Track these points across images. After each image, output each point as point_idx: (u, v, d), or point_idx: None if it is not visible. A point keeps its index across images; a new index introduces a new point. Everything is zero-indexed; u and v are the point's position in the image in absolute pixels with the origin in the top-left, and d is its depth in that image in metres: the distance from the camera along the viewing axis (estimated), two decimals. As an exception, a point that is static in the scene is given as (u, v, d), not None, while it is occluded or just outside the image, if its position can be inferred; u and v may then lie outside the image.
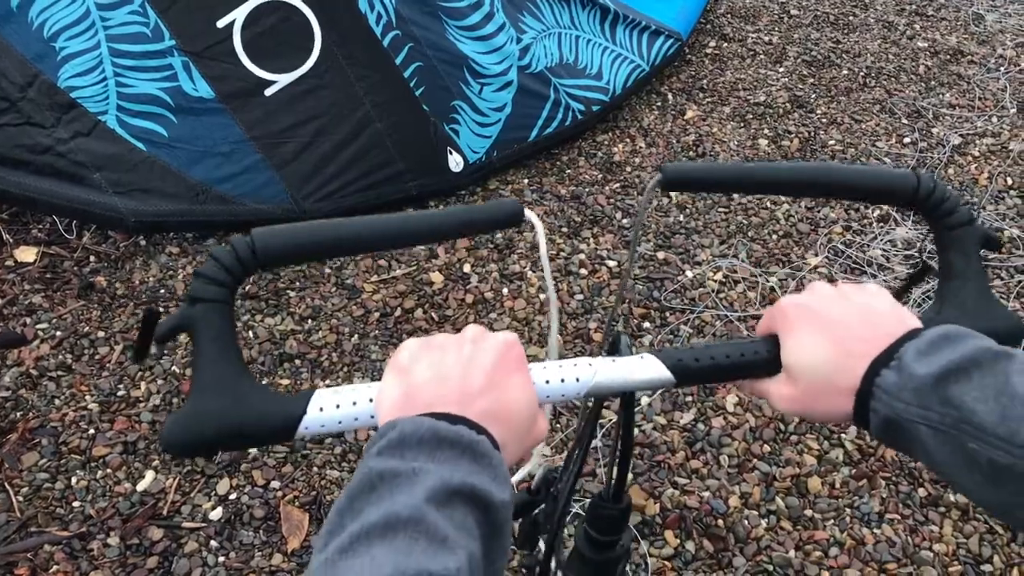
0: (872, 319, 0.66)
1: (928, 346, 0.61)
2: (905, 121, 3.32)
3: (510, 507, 0.57)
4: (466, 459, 0.55)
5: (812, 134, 3.24)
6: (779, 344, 0.70)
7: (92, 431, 2.12)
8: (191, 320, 0.64)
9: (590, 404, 0.83)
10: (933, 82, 3.59)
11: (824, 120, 3.33)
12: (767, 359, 0.70)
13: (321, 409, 0.64)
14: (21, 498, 1.97)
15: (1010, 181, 2.97)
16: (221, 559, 1.86)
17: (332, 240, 0.69)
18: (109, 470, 2.04)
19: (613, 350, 0.74)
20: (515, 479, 0.99)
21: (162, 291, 2.50)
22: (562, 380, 0.68)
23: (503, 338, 0.65)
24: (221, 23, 2.52)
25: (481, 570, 0.52)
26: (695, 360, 0.71)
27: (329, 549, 0.49)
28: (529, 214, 0.73)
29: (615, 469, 0.83)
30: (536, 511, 1.08)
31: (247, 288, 2.51)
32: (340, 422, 0.65)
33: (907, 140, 3.21)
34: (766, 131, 3.27)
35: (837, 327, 0.66)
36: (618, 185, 2.96)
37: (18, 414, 2.15)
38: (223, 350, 0.65)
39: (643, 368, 0.70)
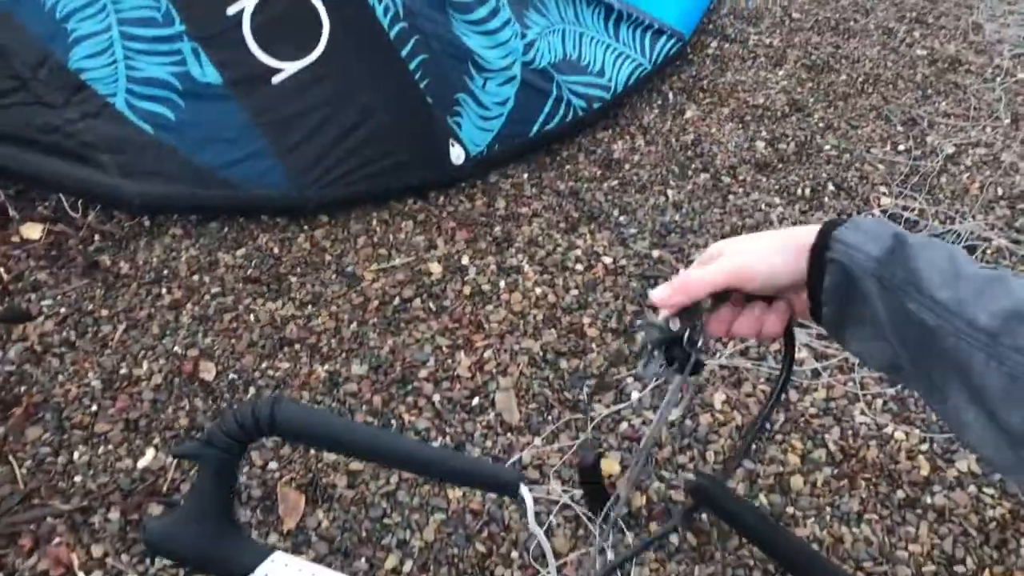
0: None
1: (875, 220, 0.69)
2: (900, 128, 3.38)
3: None
4: None
5: (808, 138, 3.29)
6: None
7: (95, 408, 2.16)
8: (202, 458, 0.74)
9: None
10: (930, 90, 3.64)
11: (821, 124, 3.38)
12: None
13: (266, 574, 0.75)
14: (24, 471, 2.02)
15: (1001, 191, 3.02)
16: (219, 537, 1.91)
17: (343, 438, 0.77)
18: (111, 446, 2.09)
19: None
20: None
21: (165, 272, 2.54)
22: None
23: None
24: (231, 10, 2.55)
25: None
26: None
27: None
28: (524, 491, 0.76)
29: None
30: None
31: (248, 272, 2.55)
32: None
33: (901, 148, 3.26)
34: (764, 133, 3.32)
35: (768, 234, 0.75)
36: (616, 182, 3.01)
37: (22, 388, 2.20)
38: (218, 490, 0.76)
39: None
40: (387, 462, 0.79)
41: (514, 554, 1.91)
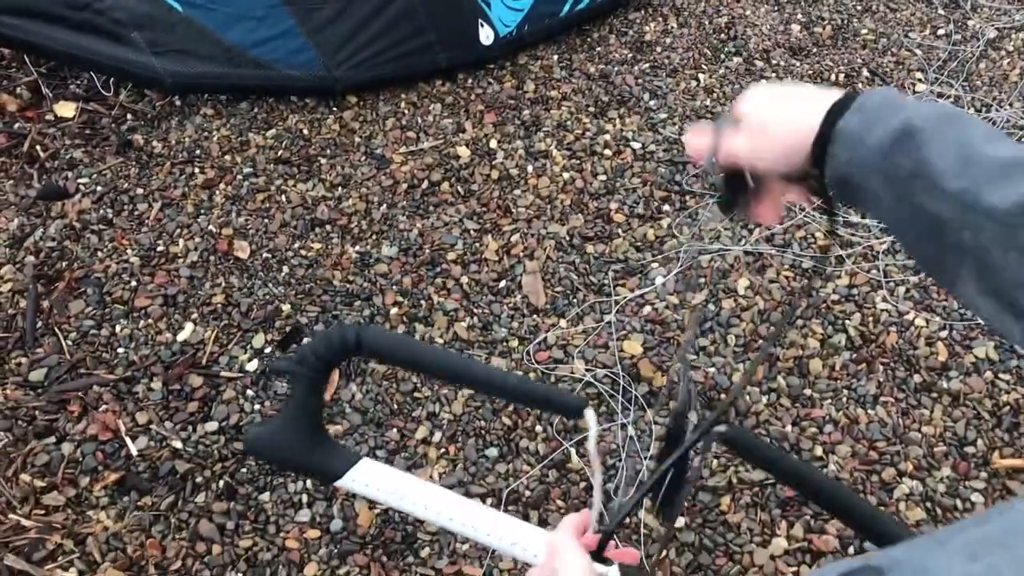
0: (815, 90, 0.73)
1: (884, 99, 0.66)
2: (942, 12, 3.28)
3: None
4: None
5: (845, 21, 3.21)
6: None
7: (134, 283, 2.24)
8: (294, 375, 0.83)
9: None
10: (975, -29, 3.51)
11: (859, 7, 3.29)
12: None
13: (353, 480, 0.85)
14: (70, 342, 2.11)
15: (1041, 79, 2.96)
16: (257, 407, 2.01)
17: (421, 361, 0.84)
18: (151, 320, 2.16)
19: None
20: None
21: (198, 151, 2.57)
22: None
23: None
24: None
25: None
26: None
27: None
28: (588, 413, 0.81)
29: None
30: None
31: (279, 153, 2.58)
32: (366, 496, 0.87)
33: (941, 31, 3.18)
34: (799, 16, 3.23)
35: (788, 90, 0.75)
36: (647, 65, 2.97)
37: (63, 264, 2.27)
38: (309, 402, 0.85)
39: None
40: (462, 383, 0.89)
41: (538, 428, 1.99)
